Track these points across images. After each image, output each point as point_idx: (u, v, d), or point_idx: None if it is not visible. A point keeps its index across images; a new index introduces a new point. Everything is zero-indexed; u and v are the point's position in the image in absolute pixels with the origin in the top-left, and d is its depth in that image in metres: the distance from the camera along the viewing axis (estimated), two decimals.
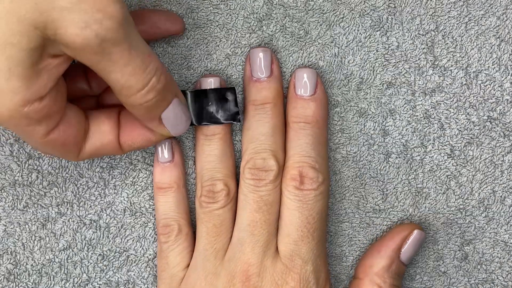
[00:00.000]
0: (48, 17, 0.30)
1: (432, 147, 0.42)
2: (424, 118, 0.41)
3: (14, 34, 0.30)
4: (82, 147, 0.36)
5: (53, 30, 0.30)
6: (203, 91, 0.39)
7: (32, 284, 0.42)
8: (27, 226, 0.41)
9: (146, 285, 0.42)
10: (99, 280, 0.42)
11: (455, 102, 0.41)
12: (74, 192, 0.41)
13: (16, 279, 0.41)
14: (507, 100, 0.41)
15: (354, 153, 0.42)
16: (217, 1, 0.40)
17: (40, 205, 0.41)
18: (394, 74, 0.41)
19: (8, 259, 0.41)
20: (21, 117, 0.32)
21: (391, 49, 0.41)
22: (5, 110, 0.31)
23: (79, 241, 0.42)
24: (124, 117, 0.37)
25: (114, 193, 0.41)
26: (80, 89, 0.38)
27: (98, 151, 0.36)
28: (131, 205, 0.42)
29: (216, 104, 0.39)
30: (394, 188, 0.42)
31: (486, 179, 0.42)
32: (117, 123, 0.37)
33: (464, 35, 0.41)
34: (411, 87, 0.41)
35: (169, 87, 0.35)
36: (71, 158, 0.36)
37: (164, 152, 0.40)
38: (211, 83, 0.39)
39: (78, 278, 0.42)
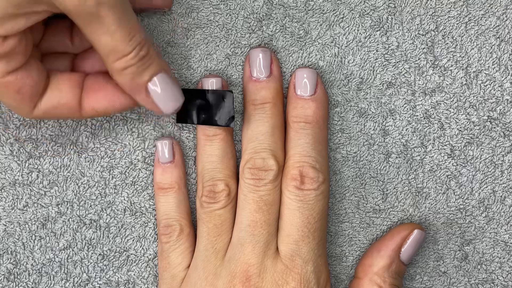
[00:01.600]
0: None
1: (432, 147, 0.42)
2: (424, 118, 0.41)
3: None
4: (37, 103, 0.36)
5: None
6: (202, 91, 0.39)
7: (32, 283, 0.42)
8: (27, 225, 0.41)
9: (146, 285, 0.42)
10: (99, 280, 0.42)
11: (455, 102, 0.41)
12: (75, 191, 0.41)
13: (16, 279, 0.42)
14: (507, 100, 0.41)
15: (354, 153, 0.42)
16: (217, 1, 0.40)
17: (40, 204, 0.41)
18: (394, 74, 0.41)
19: (8, 259, 0.41)
20: None
21: (391, 49, 0.41)
22: None
23: (79, 241, 0.42)
24: (90, 80, 0.37)
25: (114, 192, 0.42)
26: (61, 43, 0.39)
27: (54, 109, 0.36)
28: (131, 205, 0.42)
29: (213, 106, 0.39)
30: (394, 188, 0.42)
31: (486, 179, 0.42)
32: (79, 85, 0.37)
33: (464, 35, 0.41)
34: (411, 87, 0.41)
35: (154, 58, 0.35)
36: (24, 111, 0.36)
37: (164, 153, 0.40)
38: (212, 83, 0.39)
39: (78, 277, 0.42)
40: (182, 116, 0.40)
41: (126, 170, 0.41)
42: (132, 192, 0.42)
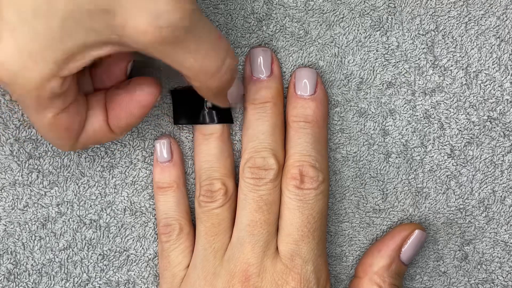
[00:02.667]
0: (112, 20, 0.30)
1: (432, 147, 0.42)
2: (424, 118, 0.41)
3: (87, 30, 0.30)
4: (79, 135, 0.36)
5: (120, 31, 0.30)
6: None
7: (32, 284, 0.42)
8: (27, 225, 0.41)
9: (146, 285, 0.42)
10: (99, 280, 0.42)
11: (455, 102, 0.41)
12: (75, 191, 0.41)
13: (16, 279, 0.42)
14: (507, 100, 0.41)
15: (354, 153, 0.42)
16: (217, 1, 0.40)
17: (40, 204, 0.41)
18: (394, 74, 0.41)
19: (8, 259, 0.41)
20: (47, 86, 0.31)
21: (391, 49, 0.41)
22: (38, 75, 0.31)
23: (79, 241, 0.42)
24: (109, 99, 0.37)
25: (114, 192, 0.42)
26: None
27: (90, 139, 0.36)
28: (131, 205, 0.42)
29: (211, 104, 0.39)
30: (394, 188, 0.42)
31: (486, 179, 0.42)
32: (105, 107, 0.36)
33: (464, 35, 0.41)
34: (411, 87, 0.41)
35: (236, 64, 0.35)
36: (66, 146, 0.35)
37: (163, 152, 0.40)
38: None
39: (78, 277, 0.42)
40: (179, 118, 0.40)
41: (126, 170, 0.41)
42: (132, 191, 0.42)
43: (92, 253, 0.42)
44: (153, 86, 0.36)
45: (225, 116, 0.40)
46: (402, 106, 0.41)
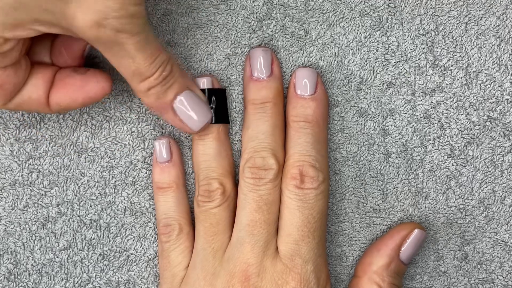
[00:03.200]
0: (65, 8, 0.32)
1: (432, 147, 0.42)
2: (424, 118, 0.41)
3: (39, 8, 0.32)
4: (13, 98, 0.36)
5: (70, 20, 0.32)
6: None
7: (32, 284, 0.42)
8: (27, 225, 0.41)
9: (146, 285, 0.42)
10: (100, 280, 0.42)
11: (455, 102, 0.41)
12: (75, 191, 0.41)
13: (16, 279, 0.42)
14: (507, 100, 0.41)
15: (354, 153, 0.42)
16: (217, 1, 0.40)
17: (40, 204, 0.41)
18: (394, 74, 0.41)
19: (8, 259, 0.41)
20: None
21: (391, 49, 0.41)
22: None
23: (79, 241, 0.42)
24: (58, 75, 0.37)
25: (114, 192, 0.42)
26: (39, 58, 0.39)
27: (25, 103, 0.37)
28: (131, 205, 0.42)
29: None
30: (394, 188, 0.42)
31: (486, 179, 0.42)
32: (51, 81, 0.37)
33: (464, 35, 0.41)
34: (411, 87, 0.41)
35: (177, 77, 0.37)
36: None
37: (162, 152, 0.40)
38: (204, 83, 0.40)
39: (79, 277, 0.42)
40: None
41: (126, 170, 0.41)
42: (132, 192, 0.42)
43: (92, 253, 0.42)
44: (107, 82, 0.37)
45: (221, 116, 0.40)
46: (402, 106, 0.41)
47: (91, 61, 0.41)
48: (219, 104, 0.40)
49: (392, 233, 0.41)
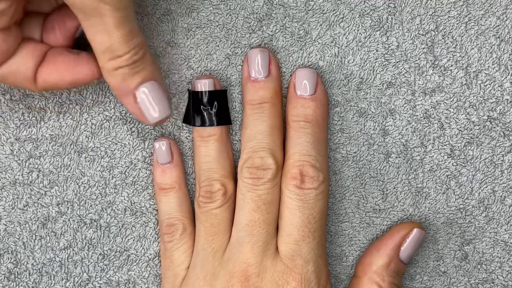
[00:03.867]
0: None
1: (432, 147, 0.42)
2: (424, 118, 0.41)
3: None
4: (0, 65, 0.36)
5: None
6: (197, 93, 0.39)
7: (32, 283, 0.42)
8: (27, 225, 0.41)
9: (146, 285, 0.42)
10: (100, 280, 0.42)
11: (455, 102, 0.41)
12: (75, 191, 0.41)
13: (16, 279, 0.42)
14: (507, 100, 0.41)
15: (354, 153, 0.42)
16: (217, 1, 0.40)
17: (41, 204, 0.41)
18: (394, 74, 0.41)
19: (8, 258, 0.41)
20: None
21: (391, 49, 0.41)
22: None
23: (79, 241, 0.42)
24: (50, 53, 0.37)
25: (115, 192, 0.42)
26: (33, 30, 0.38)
27: (11, 75, 0.36)
28: (131, 205, 0.42)
29: (208, 107, 0.39)
30: (394, 188, 0.42)
31: (486, 179, 0.42)
32: (41, 57, 0.37)
33: (464, 35, 0.41)
34: (411, 87, 0.41)
35: (147, 64, 0.36)
36: None
37: (163, 154, 0.40)
38: (205, 84, 0.40)
39: (79, 277, 0.42)
40: (185, 119, 0.41)
41: (126, 170, 0.41)
42: (132, 192, 0.42)
43: (92, 253, 0.42)
44: (98, 66, 0.37)
45: (223, 117, 0.40)
46: (402, 106, 0.41)
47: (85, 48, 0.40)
48: (220, 106, 0.40)
49: (391, 233, 0.41)
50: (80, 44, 0.38)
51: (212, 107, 0.39)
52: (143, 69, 0.36)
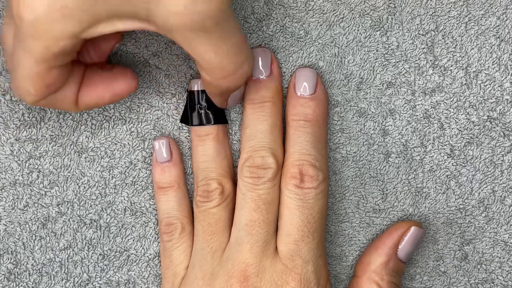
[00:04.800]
0: None
1: (432, 147, 0.42)
2: (424, 118, 0.41)
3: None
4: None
5: (153, 5, 0.30)
6: (193, 92, 0.39)
7: (32, 283, 0.42)
8: (27, 225, 0.41)
9: (146, 285, 0.42)
10: (100, 280, 0.42)
11: (455, 102, 0.41)
12: (75, 191, 0.41)
13: (16, 279, 0.42)
14: (507, 100, 0.41)
15: (354, 153, 0.42)
16: None
17: (41, 204, 0.41)
18: (394, 74, 0.41)
19: (8, 259, 0.42)
20: (61, 43, 0.31)
21: (391, 49, 0.41)
22: (61, 29, 0.31)
23: (79, 241, 0.42)
24: (88, 76, 0.37)
25: (115, 192, 0.42)
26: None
27: (57, 102, 0.36)
28: (131, 205, 0.42)
29: (204, 106, 0.39)
30: (394, 188, 0.42)
31: (486, 179, 0.42)
32: (81, 80, 0.36)
33: (464, 35, 0.41)
34: (411, 87, 0.41)
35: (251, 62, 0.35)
36: (32, 99, 0.35)
37: (162, 152, 0.41)
38: (201, 84, 0.40)
39: (79, 277, 0.42)
40: (183, 118, 0.41)
41: (126, 170, 0.41)
42: (132, 192, 0.42)
43: (92, 253, 0.42)
44: (134, 79, 0.37)
45: (220, 116, 0.40)
46: (402, 106, 0.41)
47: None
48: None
49: (389, 232, 0.41)
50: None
51: (208, 106, 0.39)
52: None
